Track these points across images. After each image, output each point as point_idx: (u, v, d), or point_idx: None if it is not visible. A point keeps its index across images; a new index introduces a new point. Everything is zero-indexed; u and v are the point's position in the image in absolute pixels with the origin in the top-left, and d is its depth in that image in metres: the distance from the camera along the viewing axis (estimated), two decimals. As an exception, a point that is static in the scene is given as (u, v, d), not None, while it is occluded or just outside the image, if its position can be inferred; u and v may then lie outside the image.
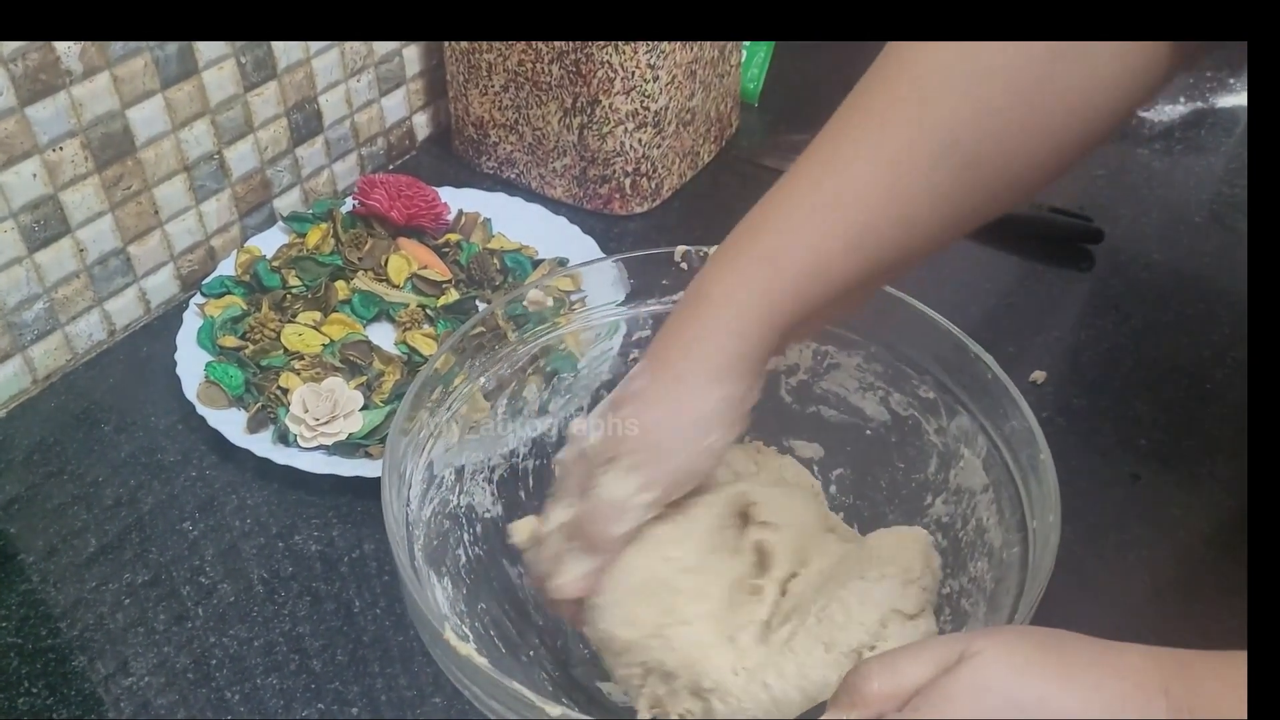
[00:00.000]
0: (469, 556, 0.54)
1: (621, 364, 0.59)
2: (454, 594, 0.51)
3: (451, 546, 0.53)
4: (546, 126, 0.82)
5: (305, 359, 0.69)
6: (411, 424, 0.51)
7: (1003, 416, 0.49)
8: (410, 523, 0.49)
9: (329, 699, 0.54)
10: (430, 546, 0.51)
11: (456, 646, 0.42)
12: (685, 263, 0.57)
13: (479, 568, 0.54)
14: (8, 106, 0.62)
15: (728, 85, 0.89)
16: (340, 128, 0.84)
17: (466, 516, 0.55)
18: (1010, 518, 0.48)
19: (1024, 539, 0.46)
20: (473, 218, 0.81)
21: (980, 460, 0.51)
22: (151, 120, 0.70)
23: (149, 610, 0.58)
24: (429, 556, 0.50)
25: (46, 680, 0.55)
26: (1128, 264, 0.80)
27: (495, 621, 0.53)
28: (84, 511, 0.63)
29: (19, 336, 0.68)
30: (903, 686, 0.36)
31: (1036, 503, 0.46)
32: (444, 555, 0.52)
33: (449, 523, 0.53)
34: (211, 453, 0.66)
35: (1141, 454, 0.66)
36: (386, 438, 0.63)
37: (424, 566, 0.49)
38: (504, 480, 0.57)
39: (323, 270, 0.75)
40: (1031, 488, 0.47)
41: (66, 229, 0.68)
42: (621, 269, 0.58)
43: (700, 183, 0.88)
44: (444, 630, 0.42)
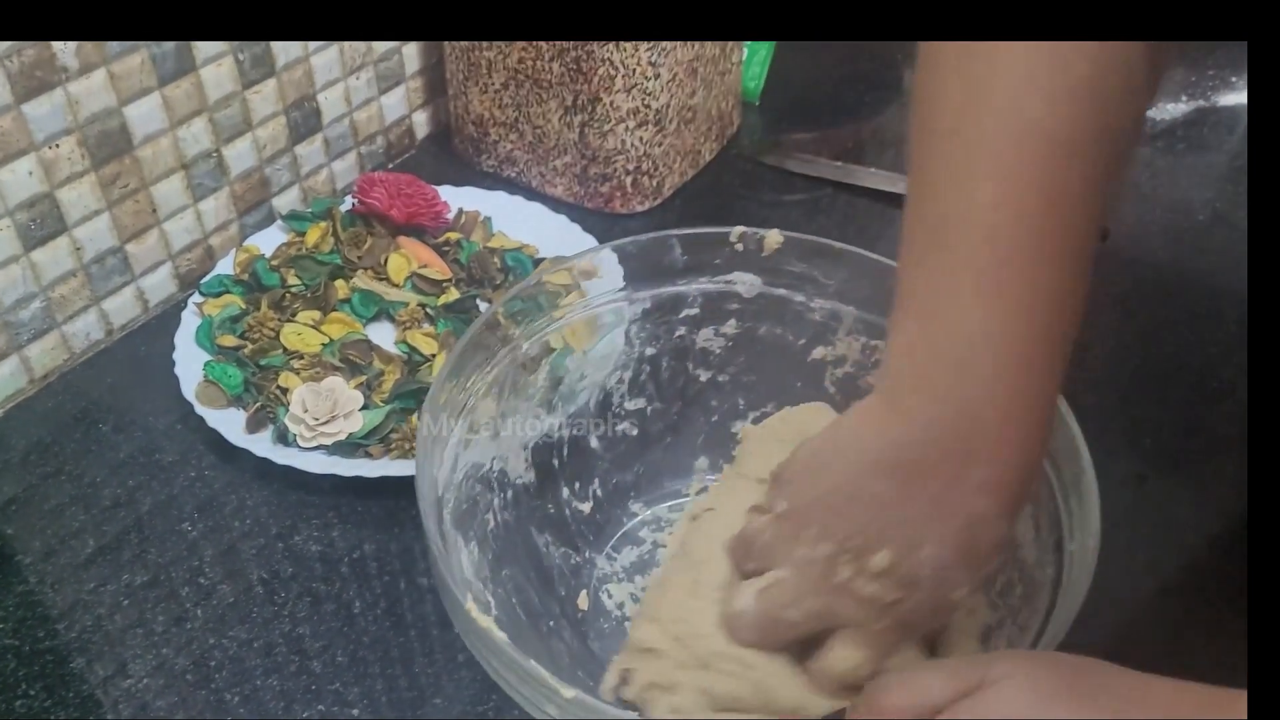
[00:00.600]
0: (497, 522, 0.54)
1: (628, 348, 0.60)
2: (479, 559, 0.51)
3: (481, 511, 0.53)
4: (547, 124, 0.82)
5: (305, 358, 0.68)
6: (450, 386, 0.51)
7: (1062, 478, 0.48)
8: (443, 486, 0.49)
9: (329, 700, 0.53)
10: (460, 510, 0.51)
11: (477, 618, 0.42)
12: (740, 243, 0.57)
13: (506, 534, 0.54)
14: (3, 103, 0.61)
15: (729, 83, 0.88)
16: (339, 126, 0.83)
17: (499, 481, 0.55)
18: (1048, 536, 0.46)
19: (1059, 560, 0.45)
20: (473, 216, 0.80)
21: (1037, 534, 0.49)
22: (149, 118, 0.69)
23: (148, 611, 0.57)
24: (457, 520, 0.50)
25: (44, 682, 0.54)
26: (1133, 262, 0.80)
27: (519, 588, 0.53)
28: (82, 512, 0.62)
29: (16, 336, 0.68)
30: (923, 704, 0.36)
31: (1077, 523, 0.45)
32: (473, 519, 0.52)
33: (480, 486, 0.53)
34: (210, 453, 0.65)
35: (1148, 454, 0.65)
36: (390, 435, 0.63)
37: (452, 531, 0.49)
38: (539, 447, 0.57)
39: (322, 269, 0.74)
40: (1073, 506, 0.46)
41: (63, 227, 0.67)
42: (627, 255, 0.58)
43: (701, 181, 0.88)
44: (466, 601, 0.42)
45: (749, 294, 0.58)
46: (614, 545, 0.59)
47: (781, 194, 0.87)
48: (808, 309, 0.58)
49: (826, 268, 0.56)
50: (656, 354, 0.60)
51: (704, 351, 0.60)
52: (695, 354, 0.60)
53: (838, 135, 0.95)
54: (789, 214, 0.85)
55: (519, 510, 0.55)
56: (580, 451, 0.59)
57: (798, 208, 0.86)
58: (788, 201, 0.86)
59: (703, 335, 0.60)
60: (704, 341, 0.60)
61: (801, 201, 0.86)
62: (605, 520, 0.60)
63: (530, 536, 0.55)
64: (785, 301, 0.58)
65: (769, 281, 0.58)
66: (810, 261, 0.56)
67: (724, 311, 0.59)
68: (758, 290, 0.58)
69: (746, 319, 0.59)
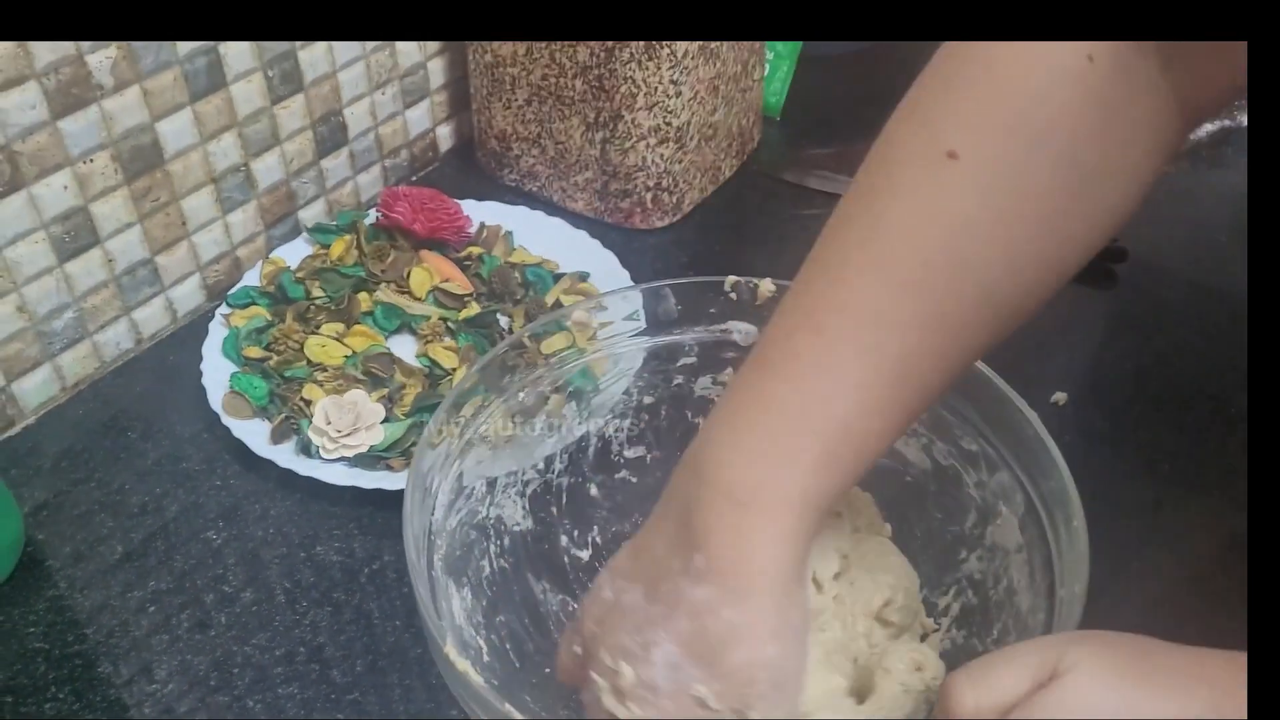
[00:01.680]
0: (493, 569, 0.54)
1: (625, 396, 0.60)
2: (473, 605, 0.51)
3: (476, 558, 0.54)
4: (569, 140, 0.83)
5: (328, 370, 0.69)
6: (440, 438, 0.51)
7: (1043, 475, 0.48)
8: (433, 532, 0.50)
9: (347, 709, 0.55)
10: (452, 556, 0.51)
11: (455, 662, 0.42)
12: (734, 292, 0.57)
13: (502, 580, 0.54)
14: (40, 120, 0.63)
15: (750, 100, 0.89)
16: (365, 140, 0.85)
17: (494, 528, 0.55)
18: (1040, 582, 0.47)
19: (1050, 606, 0.45)
20: (494, 230, 0.81)
21: (1017, 519, 0.49)
22: (180, 133, 0.71)
23: (172, 617, 0.59)
24: (449, 566, 0.51)
25: (73, 686, 0.55)
26: (1152, 283, 0.80)
27: (513, 634, 0.53)
28: (110, 518, 0.64)
29: (49, 345, 0.69)
30: (1000, 702, 0.36)
31: (1067, 569, 0.45)
32: (466, 566, 0.52)
33: (475, 533, 0.54)
34: (235, 462, 0.66)
35: (1164, 479, 0.65)
36: (410, 449, 0.64)
37: (442, 576, 0.49)
38: (536, 494, 0.57)
39: (346, 282, 0.76)
40: (1065, 552, 0.46)
41: (96, 240, 0.69)
42: (644, 296, 0.58)
43: (721, 197, 0.89)
44: (445, 643, 0.43)
45: (745, 343, 0.57)
46: None
47: (801, 210, 0.87)
48: None
49: None
50: (655, 402, 0.60)
51: (702, 400, 0.60)
52: (694, 402, 0.60)
53: (857, 152, 0.94)
54: (808, 230, 0.84)
55: (516, 557, 0.55)
56: (579, 499, 0.59)
57: (817, 224, 0.85)
58: (807, 217, 0.87)
59: (700, 384, 0.59)
60: (701, 390, 0.60)
61: (821, 217, 0.85)
62: (603, 567, 0.60)
63: (527, 583, 0.55)
64: None
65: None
66: None
67: (721, 360, 0.58)
68: (753, 339, 0.57)
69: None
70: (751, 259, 0.83)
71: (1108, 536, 0.61)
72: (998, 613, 0.49)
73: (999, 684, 0.36)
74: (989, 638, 0.49)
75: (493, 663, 0.50)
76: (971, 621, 0.50)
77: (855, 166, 0.98)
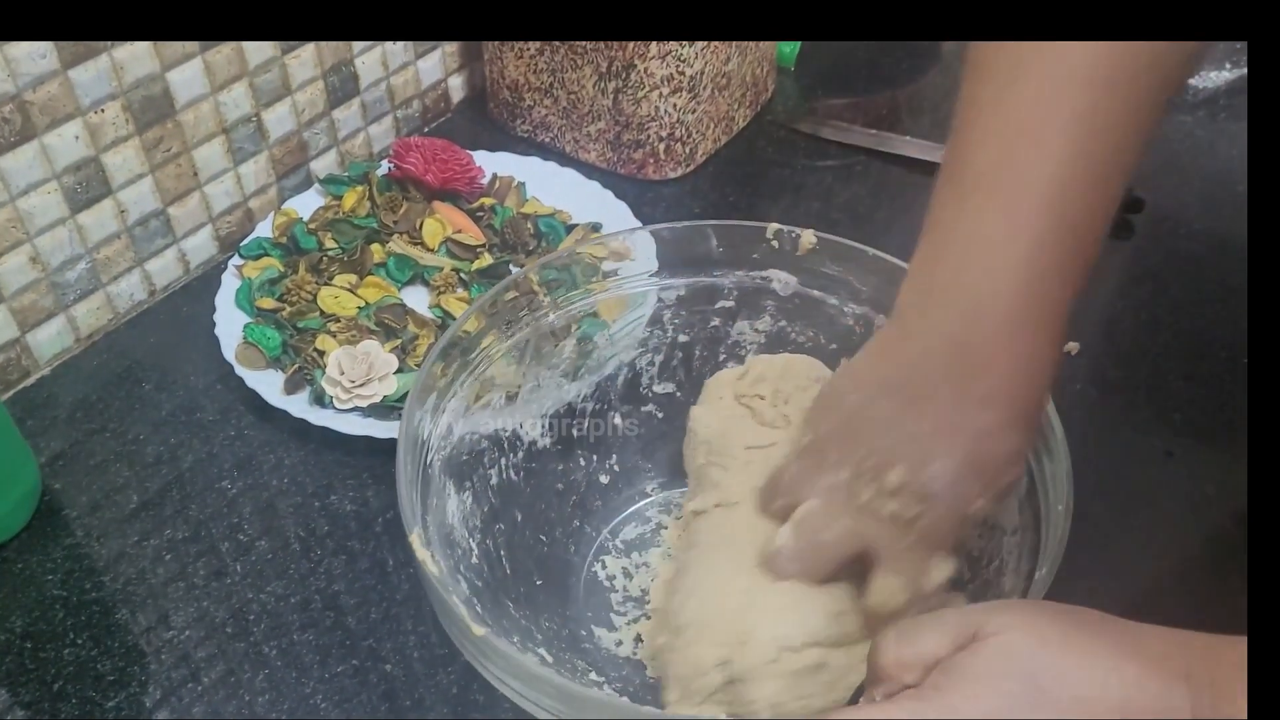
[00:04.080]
0: (502, 478, 0.55)
1: (649, 333, 0.60)
2: (472, 508, 0.52)
3: (485, 465, 0.54)
4: (581, 90, 0.82)
5: (341, 321, 0.69)
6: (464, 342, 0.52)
7: (1048, 455, 0.48)
8: (434, 434, 0.50)
9: (363, 655, 0.55)
10: (456, 459, 0.52)
11: (416, 550, 0.43)
12: (775, 240, 0.57)
13: (510, 491, 0.55)
14: (51, 69, 0.63)
15: (764, 49, 0.88)
16: (376, 90, 0.84)
17: (510, 442, 0.56)
18: (1024, 565, 0.47)
19: (1025, 590, 0.45)
20: (507, 182, 0.81)
21: (1019, 500, 0.49)
22: (191, 83, 0.70)
23: (189, 565, 0.59)
24: (450, 467, 0.51)
25: (91, 632, 0.56)
26: (1168, 234, 0.79)
27: (509, 544, 0.54)
28: (125, 468, 0.64)
29: (62, 296, 0.69)
30: (920, 657, 0.37)
31: (1045, 549, 0.45)
32: (472, 471, 0.53)
33: (487, 442, 0.55)
34: (249, 412, 0.67)
35: (1176, 429, 0.65)
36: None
37: (440, 476, 0.50)
38: (559, 415, 0.58)
39: (358, 233, 0.75)
40: (1047, 533, 0.46)
41: (108, 190, 0.69)
42: (655, 240, 0.58)
43: (735, 148, 0.88)
44: (411, 531, 0.44)
45: (785, 292, 0.58)
46: (620, 520, 0.60)
47: (815, 161, 0.87)
48: (841, 313, 0.57)
49: (861, 274, 0.56)
50: (690, 341, 0.60)
51: (736, 344, 0.61)
52: (728, 346, 0.61)
53: (873, 102, 0.95)
54: (822, 181, 0.85)
55: (530, 471, 0.56)
56: (604, 426, 0.60)
57: (831, 174, 0.86)
58: (821, 168, 0.86)
59: (737, 328, 0.60)
60: (737, 334, 0.60)
61: (835, 168, 0.86)
62: (618, 495, 0.61)
63: (537, 498, 0.56)
64: (819, 303, 0.58)
65: (804, 282, 0.58)
66: (845, 265, 0.56)
67: (759, 307, 0.59)
68: (794, 289, 0.58)
69: (781, 317, 0.59)
70: (766, 210, 0.83)
71: (1118, 485, 0.62)
72: (983, 591, 0.49)
73: (920, 642, 0.37)
74: (978, 565, 0.50)
75: (480, 565, 0.50)
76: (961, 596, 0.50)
77: (870, 117, 0.97)
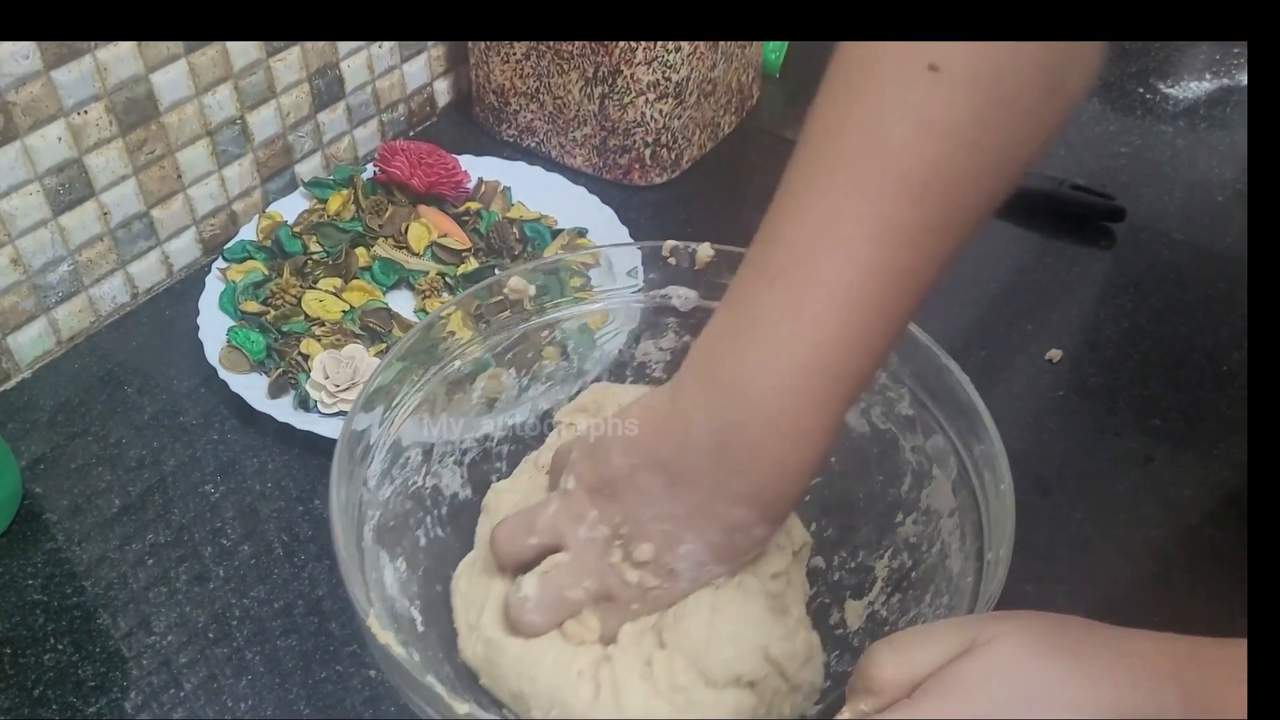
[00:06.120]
0: (429, 538, 0.54)
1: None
2: (408, 575, 0.51)
3: (411, 528, 0.53)
4: (567, 95, 0.82)
5: (326, 325, 0.69)
6: (375, 400, 0.50)
7: (976, 439, 0.48)
8: (364, 503, 0.49)
9: (346, 661, 0.55)
10: (385, 527, 0.51)
11: (376, 634, 0.42)
12: (673, 257, 0.56)
13: (439, 549, 0.53)
14: (34, 70, 0.62)
15: (749, 56, 0.88)
16: (362, 93, 0.84)
17: (431, 498, 0.55)
18: (970, 545, 0.47)
19: (979, 569, 0.46)
20: (492, 186, 0.81)
21: (950, 482, 0.50)
22: (175, 85, 0.70)
23: (170, 570, 0.59)
24: (381, 536, 0.50)
25: (72, 637, 0.56)
26: (1149, 242, 0.80)
27: (448, 603, 0.52)
28: (107, 472, 0.64)
29: (44, 298, 0.69)
30: (914, 673, 0.37)
31: (995, 533, 0.46)
32: (401, 536, 0.52)
33: (411, 503, 0.53)
34: (233, 416, 0.67)
35: (1156, 435, 0.66)
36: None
37: (374, 547, 0.49)
38: (475, 463, 0.57)
39: (343, 237, 0.75)
40: (993, 516, 0.46)
41: (91, 192, 0.69)
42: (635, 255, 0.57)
43: (720, 154, 0.88)
44: (368, 617, 0.42)
45: (685, 308, 0.57)
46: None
47: (800, 168, 0.87)
48: None
49: None
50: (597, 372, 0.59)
51: (642, 365, 0.60)
52: (634, 368, 0.60)
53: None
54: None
55: (454, 526, 0.54)
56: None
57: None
58: (806, 176, 0.86)
59: (640, 349, 0.59)
60: (642, 355, 0.59)
61: None
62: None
63: (467, 551, 0.54)
64: None
65: (705, 295, 0.57)
66: None
67: (661, 325, 0.58)
68: (694, 304, 0.57)
69: (685, 333, 0.58)
70: (750, 216, 0.82)
71: (1099, 490, 0.62)
72: (931, 575, 0.49)
73: (914, 655, 0.37)
74: (923, 600, 0.49)
75: (428, 633, 0.49)
76: (906, 583, 0.50)
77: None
